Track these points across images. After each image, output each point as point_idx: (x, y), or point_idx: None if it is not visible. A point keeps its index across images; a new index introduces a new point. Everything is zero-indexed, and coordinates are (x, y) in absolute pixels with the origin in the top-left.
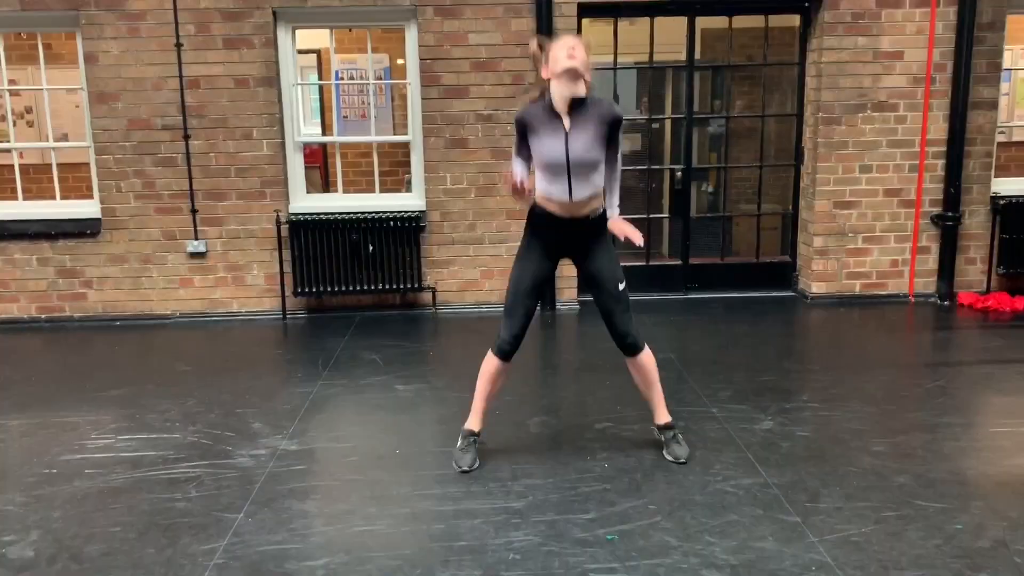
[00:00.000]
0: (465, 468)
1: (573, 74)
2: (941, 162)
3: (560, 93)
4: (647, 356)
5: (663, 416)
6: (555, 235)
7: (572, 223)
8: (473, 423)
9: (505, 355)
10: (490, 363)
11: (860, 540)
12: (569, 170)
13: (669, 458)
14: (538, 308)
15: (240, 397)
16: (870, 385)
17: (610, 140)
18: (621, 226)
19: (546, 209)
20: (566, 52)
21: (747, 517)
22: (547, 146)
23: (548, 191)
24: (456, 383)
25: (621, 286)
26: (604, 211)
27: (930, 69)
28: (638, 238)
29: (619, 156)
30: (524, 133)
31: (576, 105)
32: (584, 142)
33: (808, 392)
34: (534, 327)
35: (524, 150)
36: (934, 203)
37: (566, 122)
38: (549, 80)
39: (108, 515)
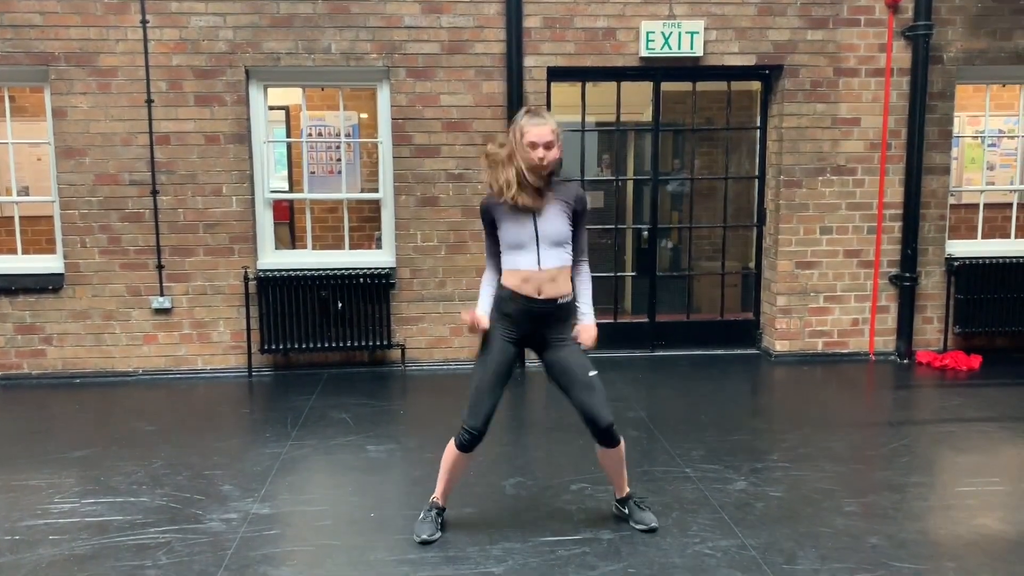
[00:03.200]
0: (424, 538)
1: (539, 170)
2: (898, 224)
3: (528, 176)
4: (622, 448)
5: (622, 490)
6: (521, 320)
7: (540, 307)
8: (439, 496)
9: (465, 447)
10: (451, 452)
11: None
12: (538, 242)
13: (640, 527)
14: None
15: (208, 458)
16: (837, 444)
17: (577, 224)
18: (588, 332)
19: (513, 290)
20: (536, 156)
21: None
22: (514, 230)
23: (516, 263)
24: (428, 443)
25: (592, 373)
26: (573, 302)
27: (886, 135)
28: (587, 341)
29: (585, 248)
30: (492, 221)
31: (544, 184)
32: (552, 220)
33: (778, 451)
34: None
35: (491, 239)
36: (892, 264)
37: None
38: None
39: None
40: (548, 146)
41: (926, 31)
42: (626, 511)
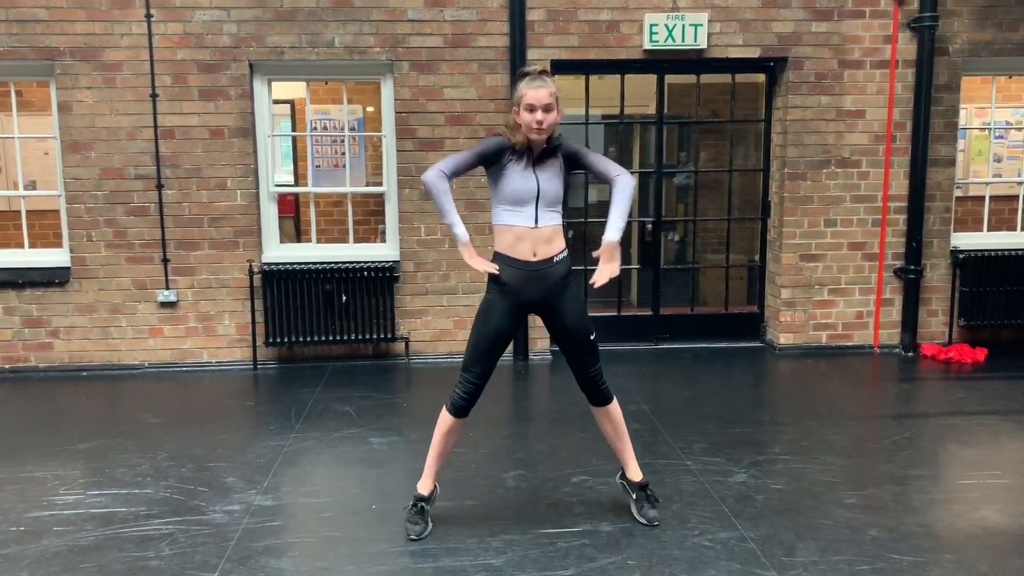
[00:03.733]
0: (414, 537)
1: (538, 133)
2: (903, 217)
3: (528, 141)
4: (616, 406)
5: (637, 473)
6: (521, 286)
7: (536, 269)
8: (423, 485)
9: (459, 410)
10: (444, 419)
11: None
12: (538, 200)
13: (643, 520)
14: (511, 359)
15: (212, 450)
16: (839, 437)
17: (580, 164)
18: (607, 261)
19: (506, 254)
20: (535, 120)
21: (725, 572)
22: (519, 183)
23: (510, 220)
24: (430, 436)
25: (591, 337)
26: (568, 257)
27: (891, 127)
28: (602, 279)
29: (607, 160)
30: (494, 157)
31: (545, 150)
32: (551, 180)
33: (780, 444)
34: (507, 378)
35: (469, 165)
36: (896, 256)
37: (532, 157)
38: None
39: (78, 575)
40: (547, 108)
41: (932, 22)
42: (633, 496)
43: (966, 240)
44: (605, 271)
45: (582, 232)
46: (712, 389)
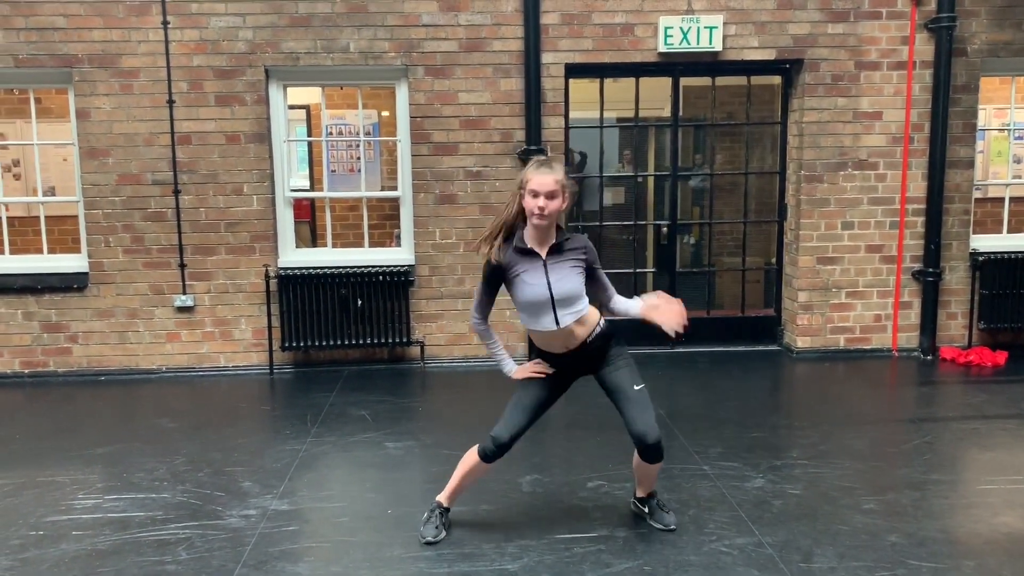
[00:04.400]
0: (429, 539)
1: (538, 219)
2: (921, 219)
3: (532, 233)
4: (655, 466)
5: (646, 491)
6: (561, 365)
7: (575, 354)
8: (444, 498)
9: (487, 458)
10: (471, 459)
11: None
12: (553, 303)
13: (659, 526)
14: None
15: (229, 455)
16: (857, 441)
17: (593, 271)
18: (661, 303)
19: (544, 350)
20: (536, 205)
21: None
22: (528, 286)
23: (533, 324)
24: (446, 440)
25: (637, 387)
26: (604, 330)
27: (908, 129)
28: (677, 319)
29: (610, 284)
30: (498, 279)
31: (553, 239)
32: (564, 274)
33: (797, 448)
34: None
35: (490, 297)
36: (915, 259)
37: (543, 252)
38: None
39: None
40: (550, 196)
41: (949, 23)
42: (646, 509)
43: (985, 242)
44: (668, 313)
45: (597, 235)
46: (729, 393)
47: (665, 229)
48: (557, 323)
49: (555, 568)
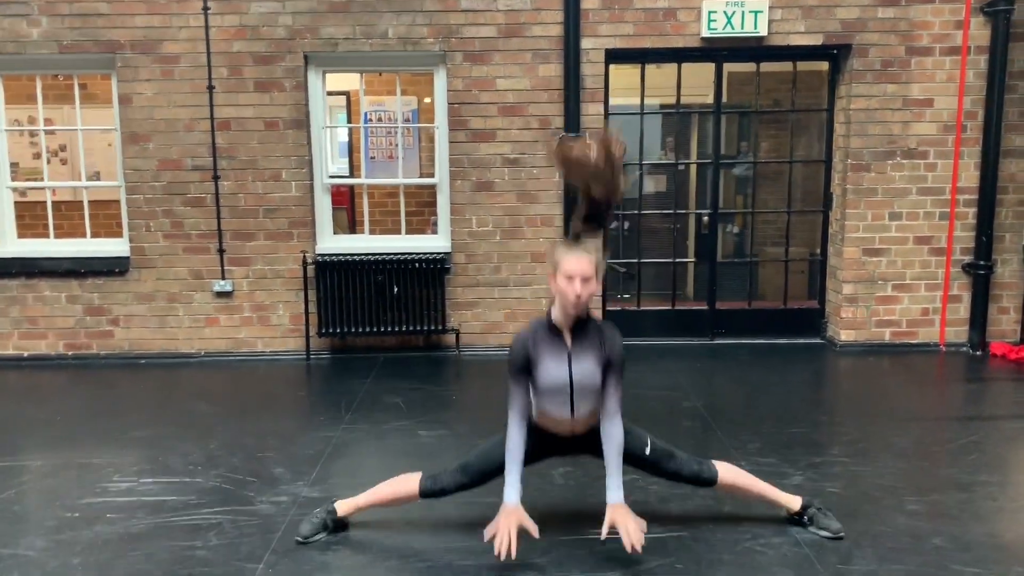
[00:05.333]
0: (301, 537)
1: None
2: (972, 210)
3: (561, 314)
4: (729, 473)
5: (794, 501)
6: (555, 446)
7: (579, 438)
8: (346, 508)
9: (426, 496)
10: (405, 487)
11: None
12: (572, 392)
13: (825, 534)
14: None
15: (263, 440)
16: (901, 439)
17: (608, 372)
18: (623, 521)
19: (544, 427)
20: (572, 300)
21: None
22: (551, 372)
23: (547, 409)
24: (479, 429)
25: (648, 450)
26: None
27: (960, 117)
28: (639, 541)
29: (619, 401)
30: (526, 362)
31: (579, 322)
32: (588, 365)
33: (838, 445)
34: None
35: (524, 382)
36: (965, 251)
37: (568, 339)
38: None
39: (128, 563)
40: (586, 279)
41: (1007, 6)
42: (804, 521)
43: None
44: (632, 532)
45: (636, 224)
46: (769, 387)
47: (706, 218)
48: (573, 412)
49: (585, 563)
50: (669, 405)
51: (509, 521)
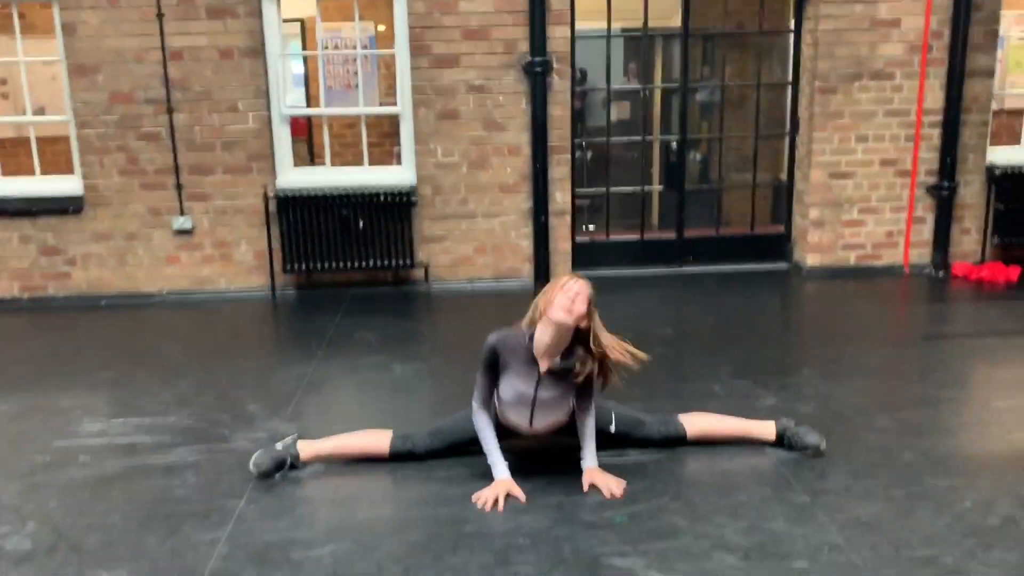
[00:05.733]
0: (254, 467)
1: (565, 329)
2: (937, 131)
3: (544, 340)
4: (696, 425)
5: (768, 433)
6: (519, 437)
7: (536, 437)
8: (308, 452)
9: (394, 455)
10: (380, 445)
11: (870, 520)
12: (533, 408)
13: (808, 450)
14: None
15: (234, 378)
16: (870, 359)
17: (582, 393)
18: (601, 478)
19: (506, 424)
20: (565, 303)
21: (756, 497)
22: (516, 386)
23: (507, 414)
24: (452, 361)
25: (612, 428)
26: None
27: (927, 37)
28: (619, 489)
29: (592, 406)
30: (495, 362)
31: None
32: (555, 394)
33: (808, 367)
34: None
35: (491, 378)
36: (930, 173)
37: (542, 366)
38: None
39: (106, 504)
40: (582, 298)
41: None
42: (786, 443)
43: (1003, 155)
44: (612, 484)
45: (604, 153)
46: (738, 312)
47: (674, 145)
48: (531, 423)
49: (567, 489)
50: (641, 334)
51: (497, 488)
